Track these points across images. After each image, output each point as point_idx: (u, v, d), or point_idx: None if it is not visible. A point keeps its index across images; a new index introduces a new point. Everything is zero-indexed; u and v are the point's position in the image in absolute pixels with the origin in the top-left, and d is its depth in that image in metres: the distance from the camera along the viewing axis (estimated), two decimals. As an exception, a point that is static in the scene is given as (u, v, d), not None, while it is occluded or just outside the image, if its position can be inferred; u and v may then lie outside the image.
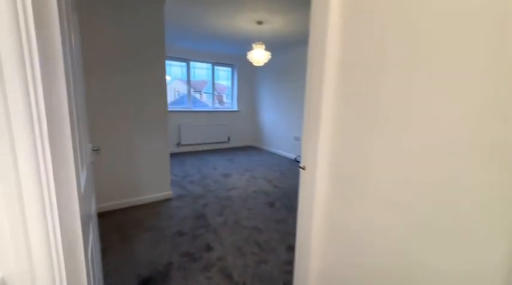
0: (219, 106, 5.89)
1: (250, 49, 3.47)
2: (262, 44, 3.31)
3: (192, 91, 5.57)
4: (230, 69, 5.82)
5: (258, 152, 5.44)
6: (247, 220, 2.41)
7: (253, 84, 6.01)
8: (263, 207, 2.70)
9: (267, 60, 3.39)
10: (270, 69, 5.40)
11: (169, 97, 5.38)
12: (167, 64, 5.16)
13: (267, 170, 4.12)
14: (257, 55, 3.32)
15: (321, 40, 0.87)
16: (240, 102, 5.95)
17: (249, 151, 5.60)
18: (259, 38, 3.90)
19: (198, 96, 5.86)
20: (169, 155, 2.82)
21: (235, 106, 5.95)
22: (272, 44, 4.50)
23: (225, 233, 2.16)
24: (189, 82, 5.28)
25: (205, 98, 5.81)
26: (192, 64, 5.28)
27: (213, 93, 5.66)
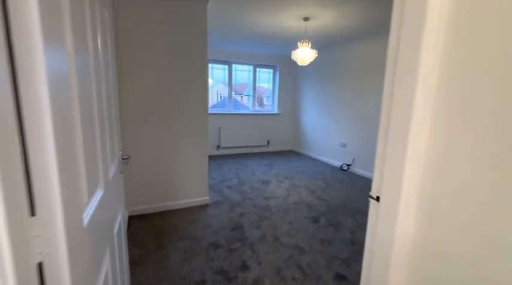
0: (259, 109, 5.74)
1: (295, 48, 3.23)
2: (308, 42, 3.04)
3: (233, 94, 5.55)
4: (272, 70, 5.63)
5: (299, 158, 5.13)
6: (287, 236, 2.17)
7: (296, 85, 5.73)
8: (305, 222, 2.43)
9: (313, 58, 3.10)
10: (313, 69, 5.05)
11: (212, 100, 5.43)
12: (210, 67, 5.24)
13: (308, 178, 3.81)
14: (303, 53, 3.06)
15: (415, 37, 0.60)
16: (281, 104, 5.72)
17: (289, 156, 5.32)
18: (304, 36, 3.63)
19: (239, 98, 5.82)
20: (208, 159, 2.74)
21: (275, 109, 5.75)
22: (317, 43, 4.18)
23: (262, 250, 1.95)
24: (230, 85, 5.25)
25: (246, 101, 5.73)
26: (233, 66, 5.24)
27: (254, 96, 5.54)
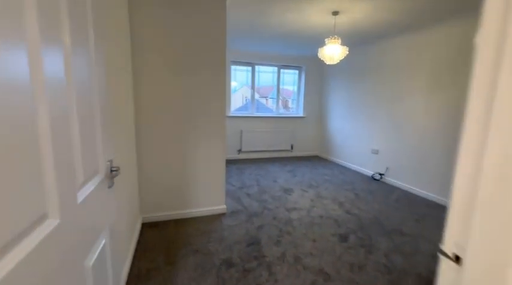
0: (283, 112, 5.49)
1: (322, 46, 2.95)
2: (337, 38, 2.75)
3: (258, 96, 5.39)
4: (297, 71, 5.36)
5: (325, 165, 4.77)
6: (310, 257, 1.89)
7: (322, 87, 5.39)
8: (332, 241, 2.12)
9: (343, 56, 2.80)
10: (342, 69, 4.69)
11: (237, 103, 5.31)
12: (232, 69, 5.13)
13: (336, 188, 3.46)
14: (331, 51, 2.77)
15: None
16: (306, 107, 5.41)
17: (314, 162, 4.98)
18: (332, 33, 3.32)
19: (264, 101, 5.65)
20: (228, 163, 2.57)
21: (300, 112, 5.45)
22: (346, 40, 3.84)
23: (281, 273, 1.70)
24: (253, 87, 5.08)
25: (270, 103, 5.53)
26: (257, 68, 5.07)
27: (278, 98, 5.31)
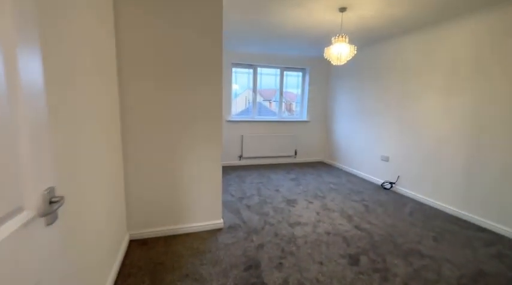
0: (286, 116, 5.25)
1: (328, 45, 2.73)
2: (345, 37, 2.52)
3: (262, 100, 5.18)
4: (301, 73, 5.14)
5: (330, 172, 4.51)
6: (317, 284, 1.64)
7: (327, 89, 5.14)
8: (341, 263, 1.87)
9: (351, 56, 2.56)
10: (349, 71, 4.45)
11: (240, 107, 5.10)
12: (233, 72, 4.93)
13: (343, 198, 3.20)
14: (339, 50, 2.54)
15: None
16: (310, 111, 5.17)
17: (319, 168, 4.72)
18: (339, 32, 3.10)
19: (267, 104, 5.43)
20: (228, 170, 2.34)
21: (304, 116, 5.21)
22: (354, 39, 3.61)
23: (283, 307, 1.45)
24: (255, 90, 4.86)
25: (274, 106, 5.31)
26: (259, 70, 4.86)
27: (281, 101, 5.08)
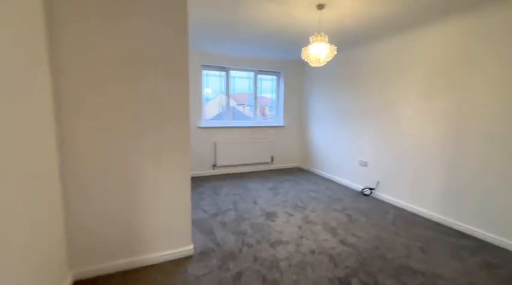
0: (262, 121, 5.02)
1: (305, 45, 2.54)
2: (324, 36, 2.35)
3: (235, 104, 4.89)
4: (275, 77, 4.95)
5: (308, 178, 4.34)
6: (307, 324, 1.37)
7: (303, 94, 5.02)
8: (331, 291, 1.63)
9: (331, 57, 2.40)
10: (325, 74, 4.36)
11: (214, 112, 4.76)
12: (204, 74, 4.59)
13: (325, 208, 3.01)
14: (318, 50, 2.35)
15: None
16: (286, 115, 5.00)
17: (297, 175, 4.54)
18: (317, 31, 2.94)
19: (241, 109, 5.16)
20: (201, 181, 1.99)
21: (280, 121, 5.02)
22: (331, 42, 3.50)
23: None
24: (227, 94, 4.56)
25: (248, 111, 5.07)
26: (232, 73, 4.57)
27: (255, 106, 4.84)
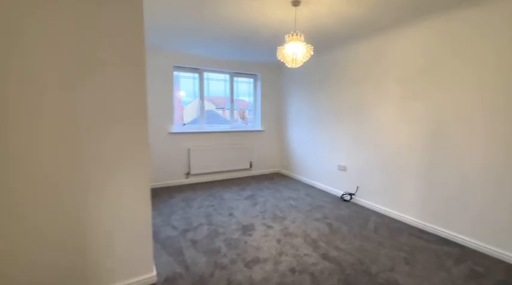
0: (239, 125, 4.80)
1: (281, 44, 2.38)
2: (300, 35, 2.20)
3: (214, 108, 4.65)
4: (252, 79, 4.78)
5: (288, 184, 4.18)
6: None
7: (281, 97, 4.89)
8: (314, 318, 1.43)
9: (308, 57, 2.25)
10: (303, 77, 4.26)
11: (192, 116, 4.51)
12: (174, 75, 4.27)
13: (305, 217, 2.84)
14: (294, 50, 2.20)
15: None
16: (264, 119, 4.83)
17: (276, 181, 4.36)
18: (293, 29, 2.80)
19: (221, 112, 4.92)
20: (172, 192, 1.72)
21: (258, 125, 4.84)
22: (307, 43, 3.38)
23: None
24: (201, 97, 4.29)
25: (228, 114, 4.86)
26: (207, 75, 4.32)
27: (232, 109, 4.62)
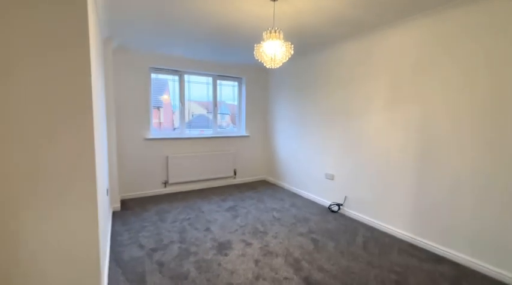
0: (222, 131, 4.55)
1: (259, 42, 2.15)
2: (279, 32, 1.98)
3: (206, 112, 4.38)
4: (236, 83, 4.55)
5: (273, 194, 3.94)
6: None
7: (267, 101, 4.67)
8: None
9: (287, 57, 2.04)
10: (289, 81, 4.06)
11: (180, 120, 4.22)
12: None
13: (288, 232, 2.60)
14: (272, 49, 1.98)
15: None
16: (249, 124, 4.59)
17: (261, 190, 4.11)
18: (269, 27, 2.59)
19: (211, 116, 4.67)
20: (146, 203, 1.45)
21: (243, 131, 4.60)
22: (293, 42, 3.18)
23: None
24: (182, 100, 4.03)
25: (219, 119, 4.63)
26: (189, 78, 4.07)
27: (215, 113, 4.37)
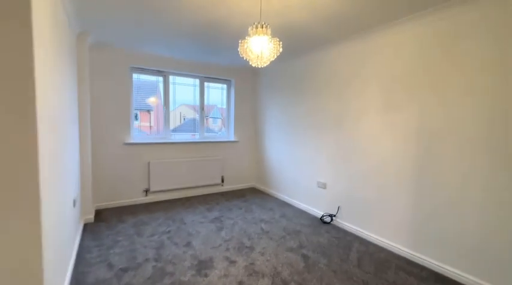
0: (209, 136, 4.31)
1: (244, 37, 1.95)
2: (266, 27, 1.79)
3: (197, 116, 4.15)
4: (225, 85, 4.35)
5: (263, 203, 3.71)
6: None
7: (257, 105, 4.47)
8: None
9: (275, 55, 1.84)
10: (279, 84, 3.88)
11: (172, 124, 4.00)
12: (133, 77, 3.73)
13: (276, 247, 2.37)
14: (258, 45, 1.78)
15: None
16: (238, 129, 4.38)
17: (250, 199, 3.88)
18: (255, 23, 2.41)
19: (205, 121, 4.46)
20: (123, 214, 1.20)
21: (231, 136, 4.38)
22: (282, 47, 3.01)
23: None
24: (166, 103, 3.79)
25: (211, 123, 4.40)
26: (173, 79, 3.84)
27: (202, 116, 4.14)
